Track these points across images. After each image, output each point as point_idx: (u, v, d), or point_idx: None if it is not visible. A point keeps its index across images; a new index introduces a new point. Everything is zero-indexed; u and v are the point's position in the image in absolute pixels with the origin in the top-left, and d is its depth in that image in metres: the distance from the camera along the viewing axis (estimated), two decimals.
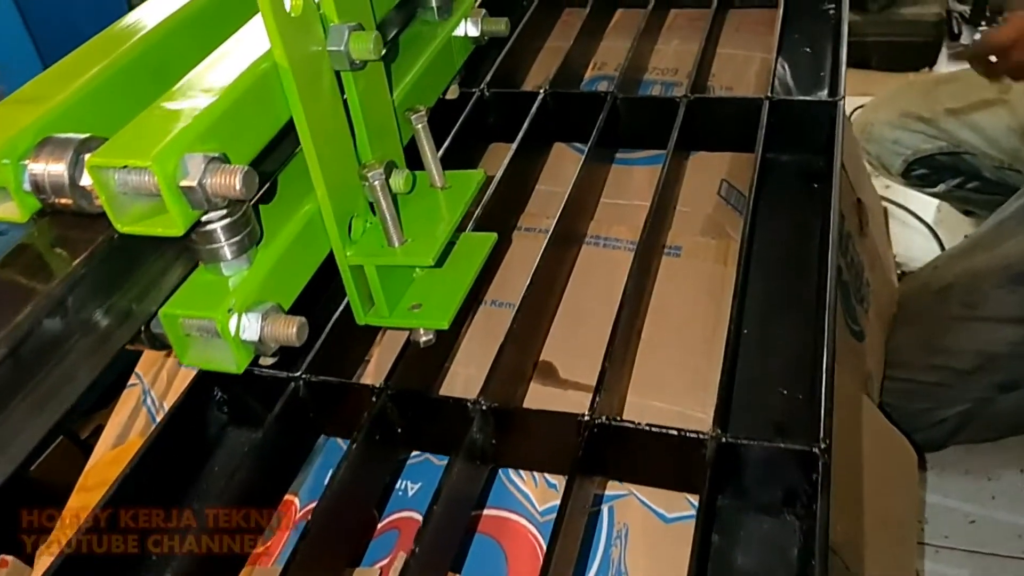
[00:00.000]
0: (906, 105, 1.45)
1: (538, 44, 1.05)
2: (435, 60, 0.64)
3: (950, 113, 1.40)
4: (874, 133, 1.50)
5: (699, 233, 0.78)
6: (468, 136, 0.85)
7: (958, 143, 1.40)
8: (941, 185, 1.49)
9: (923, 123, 1.42)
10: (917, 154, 1.45)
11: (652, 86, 0.95)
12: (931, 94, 1.44)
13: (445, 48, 0.65)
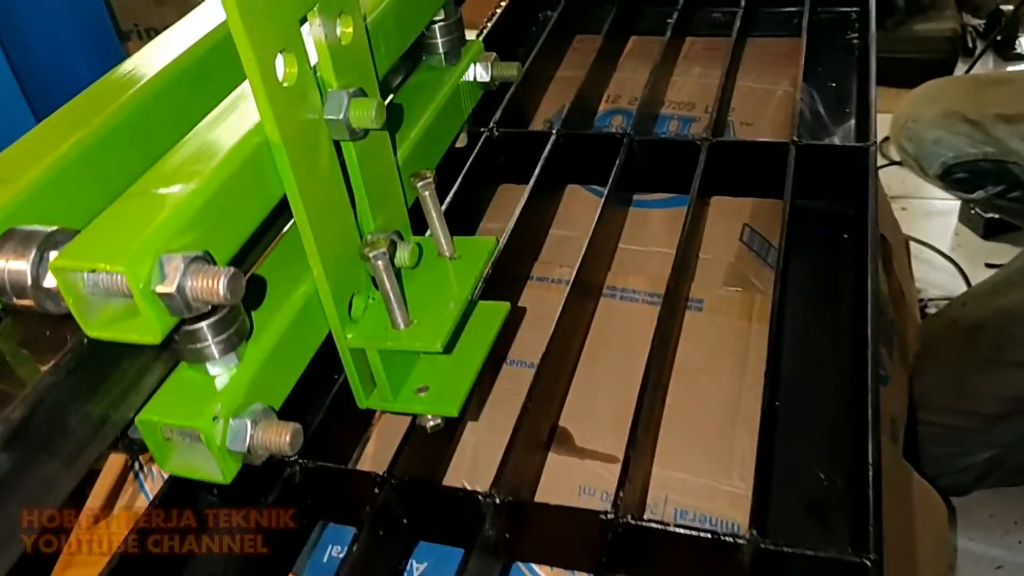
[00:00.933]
0: (951, 104, 1.37)
1: (549, 74, 1.01)
2: (443, 109, 0.59)
3: (1001, 119, 1.32)
4: (914, 131, 1.41)
5: (722, 285, 0.73)
6: (477, 177, 0.80)
7: (1007, 152, 1.32)
8: (980, 192, 1.41)
9: (969, 125, 1.34)
10: (959, 158, 1.37)
11: (668, 121, 0.90)
12: (980, 95, 1.35)
13: (453, 96, 0.61)
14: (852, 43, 0.98)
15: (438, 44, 0.60)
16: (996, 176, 1.34)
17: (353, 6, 0.44)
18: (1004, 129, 1.29)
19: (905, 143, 1.39)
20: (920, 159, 1.38)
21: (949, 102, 1.35)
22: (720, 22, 1.06)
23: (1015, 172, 1.32)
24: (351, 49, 0.44)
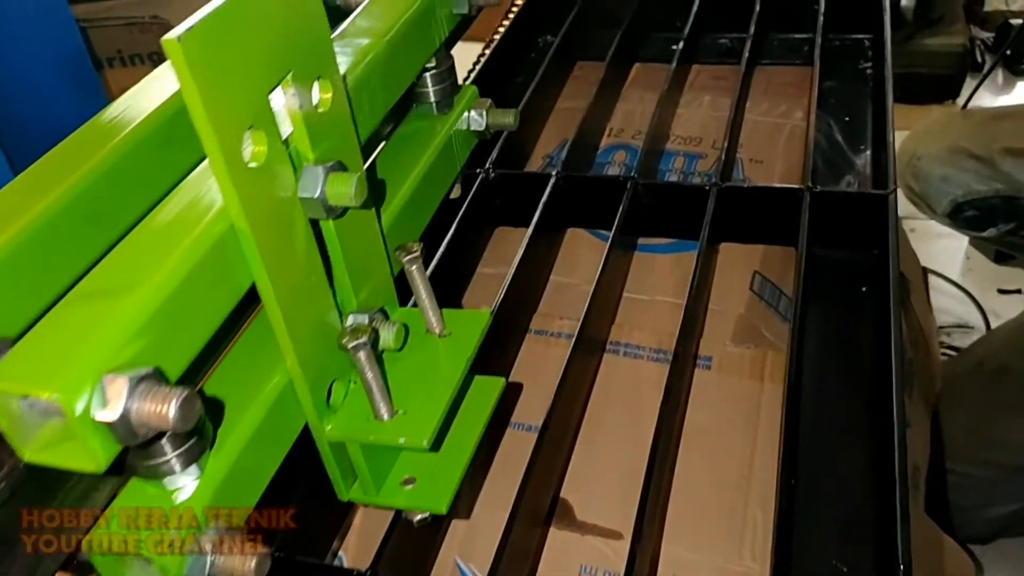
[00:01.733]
0: (958, 139, 1.32)
1: (550, 105, 0.97)
2: (434, 163, 0.55)
3: (1009, 153, 1.27)
4: (920, 168, 1.36)
5: (731, 340, 0.69)
6: (473, 220, 0.76)
7: (1018, 188, 1.28)
8: (991, 229, 1.36)
9: (977, 162, 1.29)
10: (968, 195, 1.32)
11: (674, 157, 0.86)
12: (987, 130, 1.30)
13: (445, 147, 0.57)
14: (866, 72, 0.94)
15: (429, 93, 0.56)
16: (1007, 213, 1.29)
17: (331, 69, 0.40)
18: (1013, 164, 1.24)
19: (911, 181, 1.34)
20: (927, 197, 1.33)
21: (955, 138, 1.30)
22: (728, 49, 1.02)
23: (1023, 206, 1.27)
24: (329, 117, 0.40)
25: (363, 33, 0.48)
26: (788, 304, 0.73)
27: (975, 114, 1.39)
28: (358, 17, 0.51)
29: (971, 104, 2.09)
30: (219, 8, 0.33)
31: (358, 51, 0.47)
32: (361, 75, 0.46)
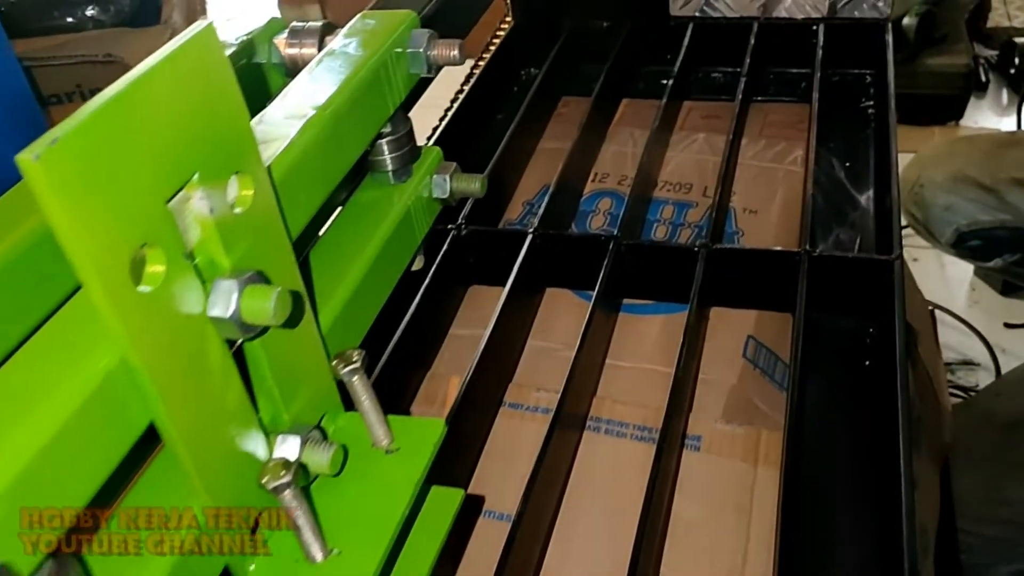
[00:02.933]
0: (963, 167, 1.26)
1: (532, 144, 0.91)
2: (390, 240, 0.50)
3: (1016, 183, 1.21)
4: (924, 196, 1.31)
5: (722, 416, 0.63)
6: (445, 278, 0.71)
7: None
8: (997, 259, 1.31)
9: (982, 191, 1.23)
10: (973, 225, 1.26)
11: (663, 206, 0.81)
12: (993, 158, 1.25)
13: (403, 221, 0.51)
14: (867, 112, 0.88)
15: (385, 162, 0.50)
16: (1013, 244, 1.23)
17: (252, 160, 0.34)
18: (1020, 194, 1.19)
19: (913, 209, 1.28)
20: (930, 225, 1.28)
21: (960, 165, 1.24)
22: (721, 84, 0.97)
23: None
24: (249, 217, 0.34)
25: (302, 104, 0.43)
26: (784, 371, 0.68)
27: (980, 140, 1.33)
28: (298, 83, 0.45)
29: (975, 125, 2.04)
30: (96, 111, 0.27)
31: (296, 126, 0.41)
32: (298, 156, 0.40)
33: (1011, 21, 2.62)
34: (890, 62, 0.87)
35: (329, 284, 0.46)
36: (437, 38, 0.49)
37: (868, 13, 0.90)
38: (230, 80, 0.33)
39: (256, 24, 0.52)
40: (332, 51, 0.48)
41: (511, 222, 0.82)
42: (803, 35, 0.92)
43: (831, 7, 0.90)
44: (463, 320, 0.73)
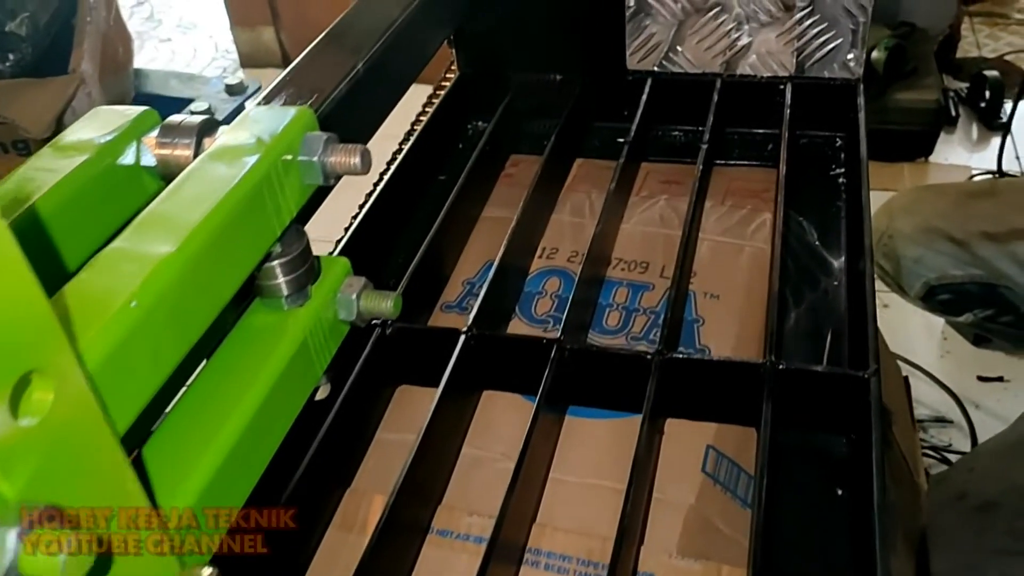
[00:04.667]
0: (933, 219, 1.20)
1: (475, 211, 0.84)
2: (282, 376, 0.42)
3: (987, 237, 1.16)
4: (892, 247, 1.25)
5: (677, 549, 0.56)
6: (370, 377, 0.63)
7: (995, 275, 1.17)
8: (968, 314, 1.25)
9: (953, 244, 1.18)
10: (943, 279, 1.21)
11: (616, 288, 0.73)
12: (963, 209, 1.19)
13: (299, 352, 0.43)
14: (838, 182, 0.82)
15: (277, 287, 0.43)
16: (983, 299, 1.18)
17: (54, 353, 0.27)
18: (991, 249, 1.13)
19: (882, 260, 1.22)
20: (899, 278, 1.22)
21: (930, 217, 1.19)
22: (681, 144, 0.90)
23: (1006, 295, 1.16)
24: (48, 428, 0.26)
25: (158, 236, 0.35)
26: (748, 483, 0.61)
27: (949, 190, 1.27)
28: (159, 203, 0.38)
29: (945, 162, 1.99)
30: None
31: (144, 270, 0.33)
32: (143, 316, 0.32)
33: (980, 50, 2.59)
34: (862, 125, 0.80)
35: (202, 439, 0.38)
36: (336, 142, 0.42)
37: (838, 73, 0.83)
38: (14, 258, 0.25)
39: (126, 117, 0.44)
40: (208, 158, 0.40)
41: (449, 304, 0.74)
42: (769, 94, 0.85)
43: (798, 65, 0.84)
44: (391, 423, 0.65)
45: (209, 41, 3.02)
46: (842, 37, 0.81)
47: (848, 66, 0.82)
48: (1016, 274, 1.13)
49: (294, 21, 2.62)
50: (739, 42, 0.84)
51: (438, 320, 0.73)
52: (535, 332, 0.71)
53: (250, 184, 0.38)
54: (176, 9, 3.27)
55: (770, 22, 0.82)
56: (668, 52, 0.87)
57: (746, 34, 0.84)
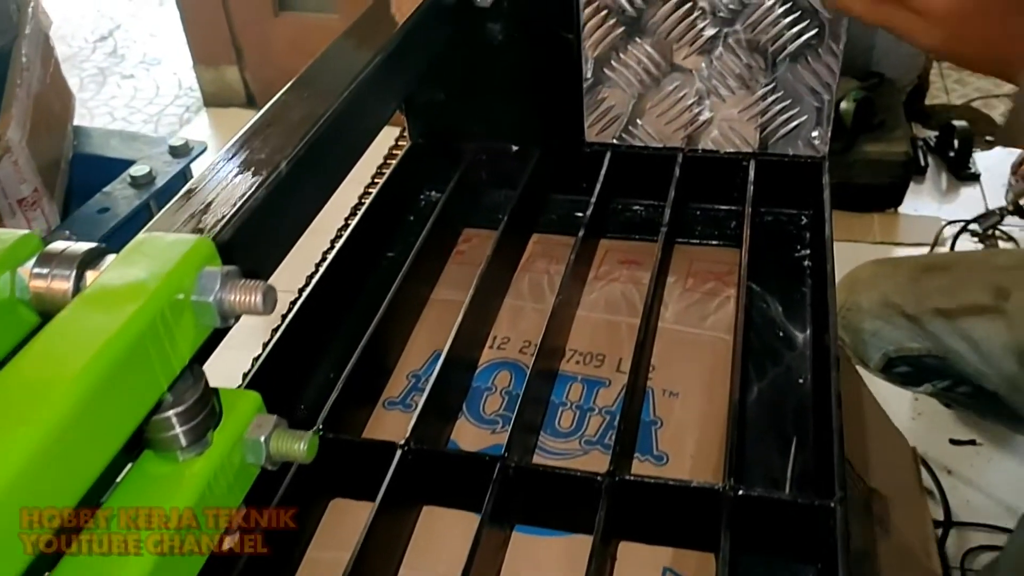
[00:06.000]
0: (890, 294, 1.19)
1: (424, 294, 0.79)
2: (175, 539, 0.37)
3: (939, 314, 1.15)
4: (851, 321, 1.23)
5: None
6: (300, 490, 0.58)
7: (946, 350, 1.15)
8: (927, 385, 1.24)
9: (907, 320, 1.17)
10: (900, 351, 1.19)
11: (570, 383, 0.69)
12: (918, 285, 1.18)
13: (199, 505, 0.38)
14: (803, 264, 0.78)
15: (172, 439, 0.38)
16: (940, 371, 1.16)
17: None
18: (940, 325, 1.12)
19: (842, 332, 1.20)
20: (858, 351, 1.20)
21: (886, 291, 1.18)
22: (641, 219, 0.86)
23: (959, 368, 1.14)
24: None
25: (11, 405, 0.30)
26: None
27: (905, 264, 1.26)
28: (27, 353, 0.33)
29: (914, 212, 1.98)
30: None
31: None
32: None
33: (949, 95, 2.60)
34: (827, 204, 0.77)
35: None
36: (237, 277, 0.37)
37: (803, 150, 0.80)
38: None
39: (2, 243, 0.39)
40: (83, 301, 0.35)
41: (392, 400, 0.69)
42: (732, 170, 0.82)
43: (762, 141, 0.80)
44: (323, 541, 0.60)
45: (173, 78, 2.96)
46: (806, 115, 0.78)
47: (813, 144, 0.79)
48: (965, 351, 1.11)
49: (258, 61, 2.58)
50: (701, 116, 0.81)
51: (380, 419, 0.68)
52: (482, 434, 0.66)
53: (130, 336, 0.33)
54: (140, 45, 3.21)
55: (732, 97, 0.79)
56: (628, 124, 0.83)
57: (708, 108, 0.80)
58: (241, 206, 0.44)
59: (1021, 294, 1.10)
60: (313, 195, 0.54)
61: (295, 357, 0.70)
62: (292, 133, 0.54)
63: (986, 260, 1.19)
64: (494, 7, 0.78)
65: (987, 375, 1.12)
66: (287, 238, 0.51)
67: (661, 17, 0.76)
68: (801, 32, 0.74)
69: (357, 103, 0.61)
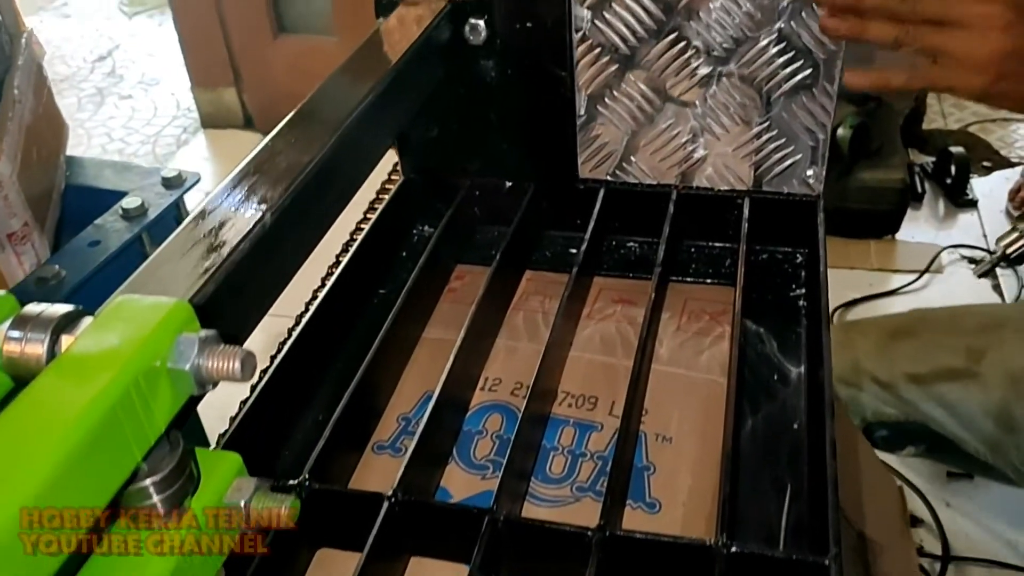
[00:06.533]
0: (860, 359, 1.18)
1: (415, 333, 0.78)
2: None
3: (912, 380, 1.13)
4: None
5: None
6: (286, 542, 0.57)
7: (925, 418, 1.13)
8: (909, 448, 1.21)
9: (880, 387, 1.15)
10: (878, 416, 1.18)
11: (562, 427, 0.68)
12: (887, 351, 1.16)
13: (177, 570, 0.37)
14: (799, 304, 0.77)
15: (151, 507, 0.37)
16: (919, 435, 1.15)
17: None
18: (915, 391, 1.10)
19: None
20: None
21: (857, 357, 1.16)
22: (636, 257, 0.85)
23: (937, 431, 1.12)
24: None
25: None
26: None
27: (873, 330, 1.23)
28: None
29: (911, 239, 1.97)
30: None
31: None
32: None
33: (945, 119, 2.60)
34: (822, 243, 0.76)
35: None
36: (215, 343, 0.36)
37: (798, 188, 0.79)
38: None
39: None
40: (56, 370, 0.35)
41: (381, 444, 0.68)
42: (727, 207, 0.81)
43: (756, 179, 0.80)
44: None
45: (171, 98, 2.96)
46: (801, 153, 0.77)
47: (808, 183, 0.79)
48: (942, 416, 1.10)
49: (256, 83, 2.58)
50: (695, 154, 0.80)
51: (369, 464, 0.67)
52: (472, 479, 0.65)
53: (102, 409, 0.32)
54: (139, 65, 3.22)
55: (726, 135, 0.78)
56: (621, 161, 0.83)
57: (702, 146, 0.80)
58: (222, 263, 0.44)
59: (994, 355, 1.09)
60: (299, 246, 0.53)
61: (282, 401, 0.69)
62: (277, 182, 0.53)
63: (953, 322, 1.18)
64: (487, 45, 0.78)
65: (966, 440, 1.11)
66: (272, 290, 0.50)
67: (655, 55, 0.76)
68: (796, 72, 0.73)
69: (345, 148, 0.60)
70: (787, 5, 0.70)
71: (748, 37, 0.73)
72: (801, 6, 0.70)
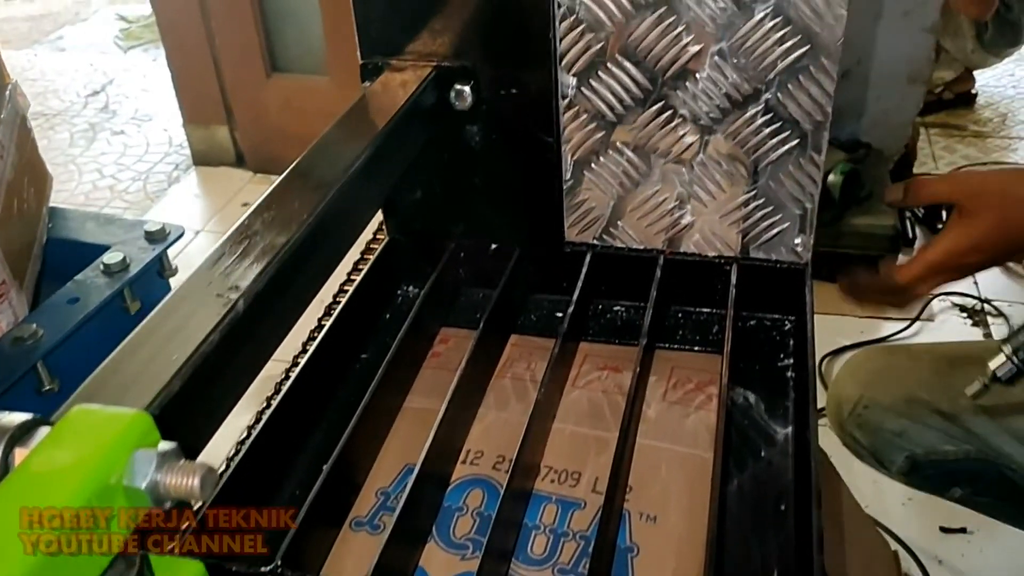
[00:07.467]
0: (913, 389, 1.07)
1: (396, 403, 0.77)
2: None
3: (981, 411, 1.02)
4: (868, 419, 1.10)
5: None
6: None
7: (994, 452, 1.02)
8: (955, 489, 1.10)
9: (942, 418, 1.04)
10: (931, 454, 1.06)
11: (544, 504, 0.67)
12: (947, 379, 1.05)
13: None
14: (787, 376, 0.76)
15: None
16: (972, 474, 1.06)
17: None
18: (987, 425, 1.01)
19: (856, 432, 1.11)
20: (878, 452, 1.10)
21: (911, 386, 1.07)
22: (623, 322, 0.84)
23: (1006, 474, 1.04)
24: None
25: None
26: None
27: (924, 357, 1.12)
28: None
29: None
30: None
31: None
32: None
33: (936, 162, 2.61)
34: (810, 310, 0.75)
35: None
36: (175, 458, 0.35)
37: (785, 256, 0.78)
38: None
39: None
40: (13, 481, 0.33)
41: (359, 520, 0.67)
42: (714, 273, 0.80)
43: (743, 246, 0.79)
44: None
45: (163, 135, 2.96)
46: (789, 221, 0.77)
47: (795, 251, 0.78)
48: (1017, 452, 1.00)
49: (249, 121, 2.58)
50: (682, 220, 0.80)
51: (346, 542, 0.65)
52: (452, 560, 0.63)
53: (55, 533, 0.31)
54: (132, 100, 3.22)
55: (714, 202, 0.78)
56: (608, 225, 0.82)
57: (689, 212, 0.79)
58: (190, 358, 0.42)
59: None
60: (276, 327, 0.52)
61: (259, 474, 0.67)
62: (254, 264, 0.52)
63: None
64: (472, 110, 0.77)
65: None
66: (244, 379, 0.49)
67: (642, 123, 0.75)
68: (783, 142, 0.73)
69: (326, 223, 0.59)
70: (774, 77, 0.70)
71: (735, 107, 0.72)
72: (788, 77, 0.70)
